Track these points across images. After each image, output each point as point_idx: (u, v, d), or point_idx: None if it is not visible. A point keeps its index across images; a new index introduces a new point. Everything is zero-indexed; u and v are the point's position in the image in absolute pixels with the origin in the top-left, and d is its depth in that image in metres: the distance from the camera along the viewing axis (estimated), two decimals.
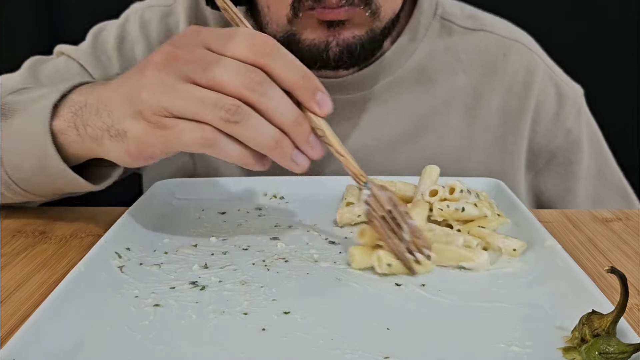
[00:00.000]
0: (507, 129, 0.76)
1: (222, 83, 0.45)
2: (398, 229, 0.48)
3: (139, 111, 0.48)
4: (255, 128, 0.46)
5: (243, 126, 0.45)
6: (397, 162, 0.74)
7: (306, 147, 0.48)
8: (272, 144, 0.46)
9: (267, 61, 0.46)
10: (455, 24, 0.77)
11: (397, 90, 0.74)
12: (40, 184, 0.59)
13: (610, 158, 0.82)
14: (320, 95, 0.47)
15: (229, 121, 0.45)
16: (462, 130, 0.76)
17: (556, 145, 0.78)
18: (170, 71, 0.47)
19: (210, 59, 0.46)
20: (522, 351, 0.39)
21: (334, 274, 0.50)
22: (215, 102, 0.45)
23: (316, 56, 0.63)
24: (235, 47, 0.46)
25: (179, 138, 0.47)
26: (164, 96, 0.46)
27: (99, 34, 0.78)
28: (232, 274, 0.50)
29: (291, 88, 0.46)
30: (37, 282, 0.51)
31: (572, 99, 0.78)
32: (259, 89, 0.45)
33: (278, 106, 0.46)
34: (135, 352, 0.39)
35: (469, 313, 0.44)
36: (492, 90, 0.76)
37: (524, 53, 0.77)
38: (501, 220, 0.58)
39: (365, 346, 0.39)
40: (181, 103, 0.46)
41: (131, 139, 0.49)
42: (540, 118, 0.77)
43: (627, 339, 0.37)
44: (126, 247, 0.53)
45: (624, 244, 0.58)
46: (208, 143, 0.46)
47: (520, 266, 0.50)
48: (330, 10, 0.60)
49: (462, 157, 0.76)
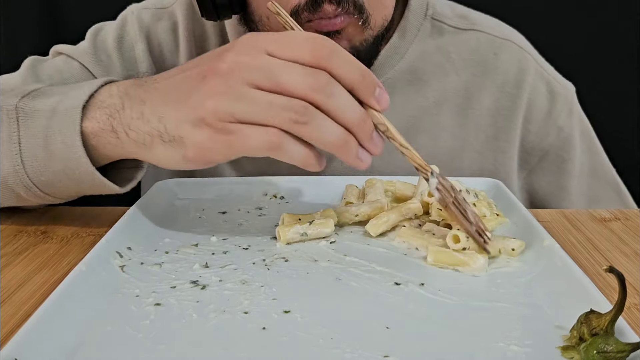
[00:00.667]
0: (499, 128, 0.77)
1: (288, 87, 0.46)
2: (465, 213, 0.50)
3: (202, 118, 0.48)
4: (323, 128, 0.47)
5: (311, 126, 0.46)
6: (392, 162, 0.74)
7: (370, 144, 0.49)
8: (340, 143, 0.47)
9: (328, 63, 0.46)
10: (446, 24, 0.77)
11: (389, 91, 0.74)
12: (63, 187, 0.58)
13: (603, 155, 0.82)
14: (378, 92, 0.48)
15: (298, 122, 0.46)
16: (455, 130, 0.76)
17: (548, 143, 0.78)
18: (236, 78, 0.47)
19: (274, 64, 0.47)
20: (521, 350, 0.39)
21: (334, 273, 0.50)
22: (283, 105, 0.46)
23: None
24: (295, 50, 0.47)
25: (244, 143, 0.47)
26: (231, 103, 0.47)
27: (97, 34, 0.79)
28: (233, 273, 0.50)
29: (351, 87, 0.47)
30: (38, 281, 0.51)
31: (563, 97, 0.78)
32: (325, 89, 0.46)
33: (344, 106, 0.47)
34: (136, 352, 0.40)
35: (468, 312, 0.44)
36: (483, 90, 0.76)
37: (515, 51, 0.77)
38: (500, 220, 0.58)
39: (365, 345, 0.40)
40: (249, 108, 0.47)
41: (190, 145, 0.49)
42: (532, 116, 0.77)
43: (626, 338, 0.37)
44: (127, 247, 0.53)
45: (622, 243, 0.58)
46: (274, 146, 0.47)
47: (519, 266, 0.51)
48: (327, 22, 0.60)
49: (455, 157, 0.76)
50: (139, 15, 0.78)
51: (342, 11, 0.60)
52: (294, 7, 0.60)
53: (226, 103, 0.47)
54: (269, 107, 0.46)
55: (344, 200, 0.63)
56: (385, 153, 0.50)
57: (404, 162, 0.75)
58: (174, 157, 0.51)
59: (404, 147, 0.51)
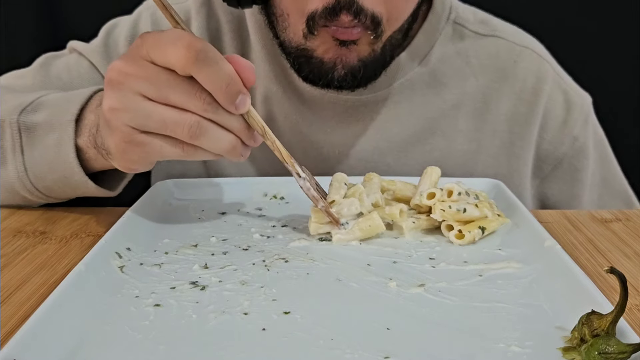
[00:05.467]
0: (515, 135, 0.77)
1: (179, 105, 0.50)
2: (323, 196, 0.57)
3: (112, 131, 0.52)
4: (215, 139, 0.51)
5: (205, 138, 0.51)
6: (407, 163, 0.74)
7: (251, 143, 0.54)
8: (230, 148, 0.52)
9: (195, 71, 0.49)
10: (468, 29, 0.77)
11: (409, 92, 0.75)
12: (62, 191, 0.64)
13: (615, 165, 0.83)
14: (240, 98, 0.51)
15: (193, 135, 0.50)
16: (471, 134, 0.76)
17: (562, 152, 0.78)
18: (126, 90, 0.50)
19: (159, 79, 0.50)
20: (522, 351, 0.39)
21: (334, 274, 0.50)
22: (177, 122, 0.50)
23: (322, 75, 0.64)
24: (169, 56, 0.49)
25: (159, 152, 0.52)
26: (127, 115, 0.50)
27: (111, 32, 0.79)
28: (232, 274, 0.50)
29: (214, 94, 0.50)
30: (37, 282, 0.51)
31: (579, 107, 0.78)
32: (211, 109, 0.50)
33: (230, 118, 0.51)
34: (135, 352, 0.39)
35: (469, 313, 0.44)
36: (501, 96, 0.77)
37: (534, 60, 0.78)
38: (501, 220, 0.58)
39: (365, 346, 0.39)
40: (146, 123, 0.50)
41: (115, 156, 0.54)
42: (548, 125, 0.78)
43: (627, 339, 0.37)
44: (127, 247, 0.53)
45: (623, 244, 0.58)
46: (185, 154, 0.52)
47: (520, 266, 0.50)
48: (343, 30, 0.60)
49: (469, 161, 0.77)
50: (154, 12, 0.78)
51: (358, 22, 0.60)
52: (311, 13, 0.60)
53: (125, 117, 0.50)
54: (164, 123, 0.50)
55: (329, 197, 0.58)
56: (399, 152, 0.50)
57: (414, 164, 0.76)
58: (118, 166, 0.56)
59: (271, 141, 0.54)
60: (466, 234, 0.55)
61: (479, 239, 0.55)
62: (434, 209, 0.57)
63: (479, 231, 0.55)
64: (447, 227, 0.57)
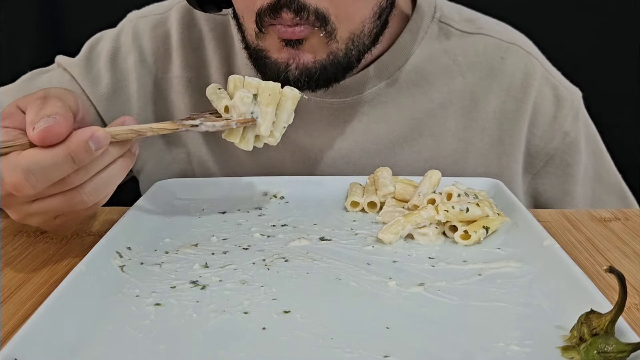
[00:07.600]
0: (505, 132, 0.77)
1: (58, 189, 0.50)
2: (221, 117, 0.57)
3: None
4: (103, 184, 0.51)
5: (97, 191, 0.51)
6: (396, 164, 0.74)
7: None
8: (122, 174, 0.52)
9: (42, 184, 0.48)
10: (453, 28, 0.77)
11: (395, 92, 0.74)
12: None
13: (608, 159, 0.82)
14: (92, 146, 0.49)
15: (91, 199, 0.51)
16: (460, 133, 0.76)
17: (553, 147, 0.78)
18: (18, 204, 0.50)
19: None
20: (521, 350, 0.39)
21: (334, 273, 0.50)
22: (69, 205, 0.50)
23: (277, 76, 0.64)
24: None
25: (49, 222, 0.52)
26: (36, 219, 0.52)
27: (94, 46, 0.80)
28: (233, 273, 0.50)
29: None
30: (38, 281, 0.51)
31: (569, 102, 0.78)
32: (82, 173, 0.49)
33: (100, 162, 0.50)
34: (136, 352, 0.40)
35: (468, 312, 0.44)
36: (489, 93, 0.76)
37: (521, 56, 0.77)
38: (502, 219, 0.58)
39: (365, 345, 0.40)
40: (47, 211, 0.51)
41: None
42: (538, 121, 0.77)
43: (626, 338, 0.37)
44: (127, 247, 0.53)
45: (622, 243, 0.58)
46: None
47: (519, 266, 0.51)
48: (286, 29, 0.60)
49: (459, 160, 0.76)
50: (135, 25, 0.79)
51: (300, 20, 0.59)
52: (257, 10, 0.60)
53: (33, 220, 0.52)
54: (37, 215, 0.51)
55: (350, 198, 0.63)
56: (387, 153, 0.50)
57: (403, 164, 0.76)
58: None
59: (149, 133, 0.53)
60: (472, 235, 0.55)
61: (484, 238, 0.56)
62: (437, 210, 0.57)
63: (484, 231, 0.55)
64: (450, 228, 0.57)
